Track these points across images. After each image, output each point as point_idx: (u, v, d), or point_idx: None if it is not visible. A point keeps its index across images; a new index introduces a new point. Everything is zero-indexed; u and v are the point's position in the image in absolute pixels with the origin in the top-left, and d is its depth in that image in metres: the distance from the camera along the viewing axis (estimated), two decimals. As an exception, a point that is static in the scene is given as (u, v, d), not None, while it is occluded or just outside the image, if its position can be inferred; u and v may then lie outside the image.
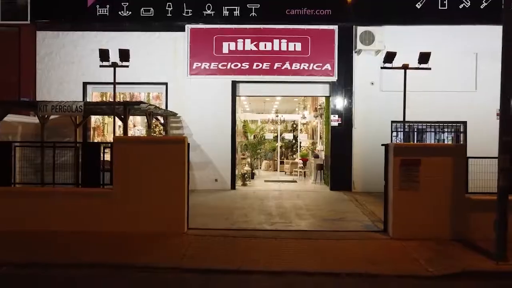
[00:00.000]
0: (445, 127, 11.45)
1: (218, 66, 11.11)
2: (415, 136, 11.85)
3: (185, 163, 6.47)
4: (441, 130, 11.72)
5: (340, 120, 11.17)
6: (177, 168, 6.41)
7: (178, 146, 6.48)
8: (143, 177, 6.34)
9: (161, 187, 6.36)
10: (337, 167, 11.22)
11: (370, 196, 10.27)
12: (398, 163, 6.28)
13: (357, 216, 8.02)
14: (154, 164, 6.36)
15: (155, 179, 6.35)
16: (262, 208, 8.59)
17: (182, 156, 6.45)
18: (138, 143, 6.51)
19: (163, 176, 6.36)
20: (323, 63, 11.07)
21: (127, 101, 7.15)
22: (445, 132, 12.08)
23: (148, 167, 6.35)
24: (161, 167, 6.37)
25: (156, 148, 6.42)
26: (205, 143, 11.21)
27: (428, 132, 11.66)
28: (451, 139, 12.08)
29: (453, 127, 11.55)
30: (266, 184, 12.60)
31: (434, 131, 11.74)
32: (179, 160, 6.41)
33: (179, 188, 6.43)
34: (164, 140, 6.75)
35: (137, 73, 11.12)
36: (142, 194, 6.33)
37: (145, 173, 6.34)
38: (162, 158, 6.39)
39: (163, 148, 6.43)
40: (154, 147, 6.44)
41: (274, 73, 11.12)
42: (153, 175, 6.34)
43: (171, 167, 6.39)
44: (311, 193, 10.86)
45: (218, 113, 11.22)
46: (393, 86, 10.88)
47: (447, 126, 11.45)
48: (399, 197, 6.30)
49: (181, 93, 11.19)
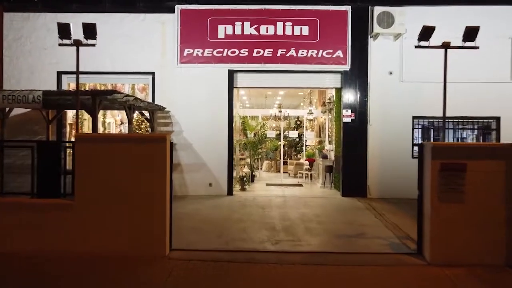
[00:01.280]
0: (474, 123, 10.20)
1: (213, 53, 9.87)
2: (431, 134, 10.63)
3: (166, 166, 5.25)
4: (463, 127, 10.46)
5: (353, 116, 9.92)
6: (157, 173, 5.19)
7: (158, 146, 5.25)
8: (113, 185, 5.12)
9: (137, 197, 5.14)
10: (349, 169, 9.99)
11: (389, 204, 9.06)
12: (437, 167, 5.05)
13: (379, 230, 6.78)
14: (127, 168, 5.14)
15: (129, 188, 5.13)
16: (264, 220, 7.36)
17: (163, 158, 5.23)
18: (107, 142, 5.28)
19: (139, 183, 5.15)
20: (334, 50, 9.82)
21: (96, 90, 5.90)
22: (468, 129, 10.88)
23: (120, 172, 5.14)
24: (136, 172, 5.15)
25: (131, 148, 5.19)
26: (197, 142, 9.99)
27: (447, 129, 10.39)
28: (475, 138, 10.85)
29: (483, 123, 10.31)
30: (267, 189, 11.37)
31: (453, 128, 10.51)
32: (160, 163, 5.19)
33: (159, 199, 5.20)
34: (141, 139, 5.52)
35: (119, 61, 9.93)
36: (111, 206, 5.11)
37: (116, 180, 5.13)
38: (138, 160, 5.17)
39: (139, 149, 5.20)
40: (128, 147, 5.20)
41: (277, 61, 9.87)
42: (126, 182, 5.13)
43: (150, 172, 5.17)
44: (320, 200, 9.62)
45: (213, 108, 9.99)
46: (415, 75, 9.70)
47: (476, 123, 10.21)
48: (438, 211, 5.06)
49: (170, 84, 9.96)
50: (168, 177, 5.33)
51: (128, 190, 5.14)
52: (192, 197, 9.62)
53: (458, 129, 10.77)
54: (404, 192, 9.69)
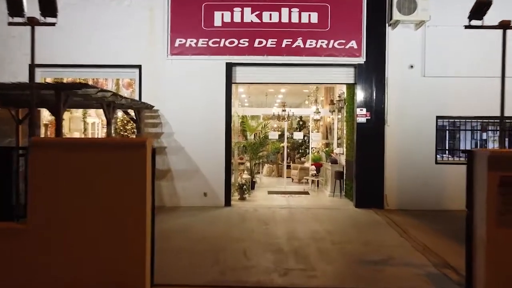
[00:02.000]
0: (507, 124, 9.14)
1: (208, 43, 8.80)
2: (446, 136, 9.57)
3: (146, 178, 4.16)
4: (481, 129, 9.39)
5: (368, 115, 8.86)
6: (134, 187, 4.09)
7: (135, 154, 4.15)
8: (77, 203, 4.03)
9: (108, 218, 4.05)
10: (364, 176, 8.92)
11: (411, 217, 8.01)
12: (495, 182, 3.98)
13: (407, 254, 5.72)
14: (97, 181, 4.05)
15: (98, 206, 4.04)
16: (268, 239, 6.29)
17: (142, 169, 4.13)
18: (71, 149, 4.18)
19: (111, 200, 4.05)
20: (347, 40, 8.76)
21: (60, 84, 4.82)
22: (489, 131, 9.82)
23: (86, 186, 4.05)
24: (108, 186, 4.06)
25: (102, 157, 4.10)
26: (190, 145, 8.91)
27: (463, 130, 9.35)
28: (496, 140, 9.81)
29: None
30: (270, 198, 10.30)
31: (471, 130, 9.45)
32: (138, 175, 4.10)
33: (136, 219, 4.10)
34: (115, 144, 4.44)
35: (101, 53, 8.87)
36: (74, 230, 4.02)
37: (82, 196, 4.03)
38: (111, 171, 4.07)
39: (112, 157, 4.11)
40: (98, 155, 4.11)
41: (282, 53, 8.81)
42: (95, 199, 4.03)
43: (125, 186, 4.08)
44: (331, 212, 8.55)
45: (208, 106, 8.92)
46: (439, 70, 8.66)
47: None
48: (497, 238, 3.99)
49: (159, 78, 8.88)
50: (149, 192, 4.24)
51: (97, 209, 4.05)
52: (184, 209, 8.54)
53: (476, 131, 9.73)
54: (427, 202, 8.69)
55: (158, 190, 8.88)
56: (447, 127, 9.15)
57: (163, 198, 8.89)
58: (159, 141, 8.93)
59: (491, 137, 9.87)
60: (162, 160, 8.93)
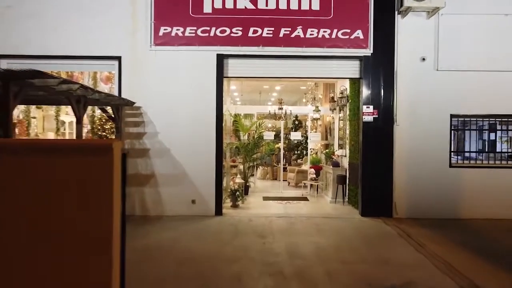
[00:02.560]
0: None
1: (197, 32, 7.90)
2: (452, 136, 8.79)
3: (113, 192, 3.23)
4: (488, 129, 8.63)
5: (376, 114, 8.03)
6: (96, 203, 3.18)
7: (98, 160, 3.23)
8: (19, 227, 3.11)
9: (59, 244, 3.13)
10: (370, 181, 8.09)
11: (425, 227, 7.21)
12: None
13: (430, 275, 4.90)
14: (46, 195, 3.13)
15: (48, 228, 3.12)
16: (266, 258, 5.41)
17: (107, 179, 3.20)
18: (10, 153, 3.27)
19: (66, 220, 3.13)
20: (352, 29, 7.92)
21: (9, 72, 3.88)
22: (499, 131, 9.07)
23: (33, 201, 3.12)
24: (62, 202, 3.13)
25: (52, 164, 3.18)
26: (177, 147, 8.00)
27: (481, 130, 8.59)
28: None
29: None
30: (265, 204, 9.42)
31: (476, 129, 8.66)
32: (100, 187, 3.16)
33: (101, 244, 3.18)
34: (69, 149, 3.47)
35: (75, 42, 7.92)
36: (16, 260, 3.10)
37: (26, 216, 3.11)
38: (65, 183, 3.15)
39: (66, 164, 3.19)
40: (47, 161, 3.19)
41: (280, 44, 7.94)
42: (44, 218, 3.11)
43: (84, 201, 3.17)
44: (335, 222, 7.70)
45: (197, 103, 8.02)
46: (455, 63, 7.89)
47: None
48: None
49: (141, 72, 7.96)
50: (117, 208, 3.32)
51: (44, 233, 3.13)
52: (169, 219, 7.63)
53: (484, 131, 8.97)
54: (441, 210, 7.91)
55: (141, 197, 7.97)
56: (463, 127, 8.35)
57: (146, 206, 7.97)
58: (142, 142, 8.01)
59: (502, 138, 9.15)
60: (145, 164, 8.01)
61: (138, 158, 8.00)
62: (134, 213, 7.91)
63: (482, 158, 8.52)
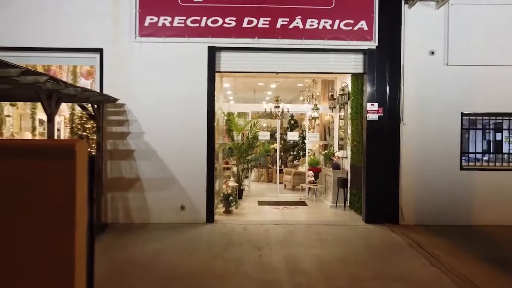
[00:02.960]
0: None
1: (187, 22, 7.27)
2: (460, 137, 8.24)
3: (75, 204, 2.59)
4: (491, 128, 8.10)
5: (381, 112, 7.45)
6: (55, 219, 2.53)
7: (57, 165, 2.59)
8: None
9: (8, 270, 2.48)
10: (375, 184, 7.51)
11: (435, 236, 6.67)
12: None
13: (452, 296, 4.32)
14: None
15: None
16: (263, 274, 4.80)
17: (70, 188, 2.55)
18: None
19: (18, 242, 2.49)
20: (356, 20, 7.34)
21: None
22: (505, 130, 8.55)
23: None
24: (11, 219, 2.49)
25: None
26: (165, 148, 7.36)
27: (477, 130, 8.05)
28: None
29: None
30: (261, 210, 8.80)
31: (482, 129, 8.13)
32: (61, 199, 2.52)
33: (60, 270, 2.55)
34: (20, 151, 2.79)
35: (53, 33, 7.25)
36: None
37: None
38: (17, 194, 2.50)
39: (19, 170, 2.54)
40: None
41: (277, 35, 7.34)
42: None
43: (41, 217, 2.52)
44: (338, 230, 7.09)
45: (186, 100, 7.39)
46: (466, 57, 7.36)
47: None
48: None
49: (125, 66, 7.31)
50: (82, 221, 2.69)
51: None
52: (155, 227, 6.98)
53: (488, 130, 8.43)
54: (451, 216, 7.37)
55: (124, 203, 7.32)
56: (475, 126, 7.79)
57: (130, 213, 7.32)
58: (126, 143, 7.35)
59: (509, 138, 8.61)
60: (130, 166, 7.36)
61: (121, 160, 7.34)
62: (117, 221, 7.26)
63: (495, 160, 7.95)
